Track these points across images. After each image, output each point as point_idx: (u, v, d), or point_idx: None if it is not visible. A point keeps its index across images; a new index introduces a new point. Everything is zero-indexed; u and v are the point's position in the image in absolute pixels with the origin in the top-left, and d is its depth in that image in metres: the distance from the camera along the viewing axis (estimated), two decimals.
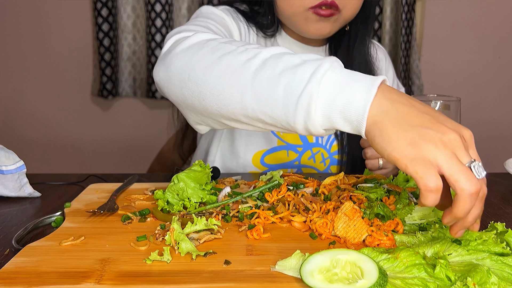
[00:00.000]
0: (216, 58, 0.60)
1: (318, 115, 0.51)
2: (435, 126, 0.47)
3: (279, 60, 0.55)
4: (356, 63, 1.04)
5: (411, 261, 0.50)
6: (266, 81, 0.54)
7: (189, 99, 0.63)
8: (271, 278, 0.51)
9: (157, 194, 0.72)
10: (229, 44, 0.62)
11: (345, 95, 0.49)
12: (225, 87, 0.58)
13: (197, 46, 0.64)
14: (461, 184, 0.45)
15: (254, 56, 0.57)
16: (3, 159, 0.79)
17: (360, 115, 0.49)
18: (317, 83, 0.50)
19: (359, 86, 0.49)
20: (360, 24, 1.02)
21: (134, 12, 2.08)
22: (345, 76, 0.51)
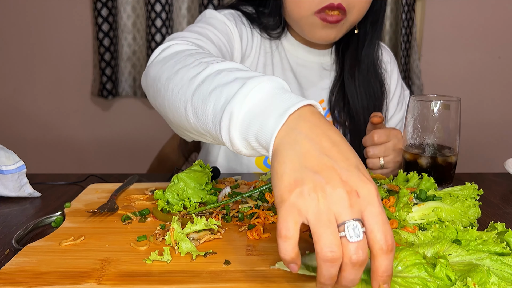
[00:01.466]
0: (175, 72, 0.61)
1: (237, 136, 0.49)
2: (326, 173, 0.42)
3: (216, 76, 0.54)
4: (364, 66, 1.04)
5: (411, 261, 0.50)
6: (201, 98, 0.54)
7: (159, 109, 0.67)
8: (271, 278, 0.51)
9: (157, 194, 0.72)
10: (191, 56, 0.63)
11: (260, 120, 0.47)
12: (175, 101, 0.59)
13: (168, 57, 0.67)
14: (317, 247, 0.40)
15: (200, 72, 0.57)
16: (3, 159, 0.79)
17: (268, 142, 0.46)
18: (239, 103, 0.48)
19: (274, 111, 0.46)
20: (370, 27, 1.02)
21: (134, 12, 2.08)
22: (269, 96, 0.48)
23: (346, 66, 1.05)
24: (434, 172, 0.80)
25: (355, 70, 1.04)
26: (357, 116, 1.04)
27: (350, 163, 0.43)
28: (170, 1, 2.06)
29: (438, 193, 0.70)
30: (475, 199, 0.70)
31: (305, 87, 1.06)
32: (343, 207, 0.41)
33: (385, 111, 1.10)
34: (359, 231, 0.41)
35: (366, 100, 1.04)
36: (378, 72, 1.07)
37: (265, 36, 1.04)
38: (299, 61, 1.07)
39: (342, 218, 0.41)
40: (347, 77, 1.04)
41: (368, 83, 1.05)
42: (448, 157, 0.81)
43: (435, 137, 0.80)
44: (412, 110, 0.81)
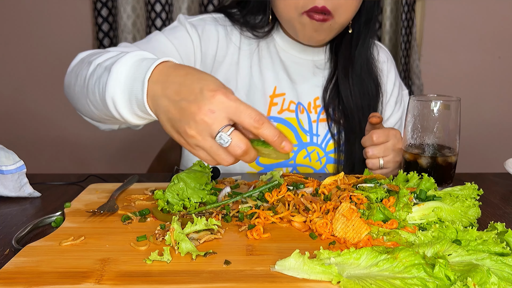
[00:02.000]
0: (75, 77, 0.76)
1: (127, 114, 0.63)
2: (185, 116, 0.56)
3: (95, 71, 0.68)
4: (358, 65, 1.04)
5: (410, 261, 0.50)
6: (91, 93, 0.68)
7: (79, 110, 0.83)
8: (271, 278, 0.51)
9: (157, 194, 0.72)
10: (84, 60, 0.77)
11: (133, 95, 0.61)
12: (81, 101, 0.75)
13: (75, 66, 0.81)
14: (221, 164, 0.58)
15: (88, 70, 0.71)
16: (3, 159, 0.79)
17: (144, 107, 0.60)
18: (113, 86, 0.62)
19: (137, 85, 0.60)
20: (363, 27, 1.02)
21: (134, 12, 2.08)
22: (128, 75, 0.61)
23: (340, 65, 1.05)
24: (434, 172, 0.80)
25: (348, 69, 1.04)
26: (351, 115, 1.04)
27: (195, 92, 0.55)
28: (170, 1, 2.06)
29: (438, 193, 0.70)
30: (475, 199, 0.70)
31: (298, 83, 1.06)
32: (207, 127, 0.55)
33: (381, 111, 1.10)
34: (225, 136, 0.55)
35: (360, 99, 1.05)
36: (372, 72, 1.07)
37: (247, 35, 1.04)
38: (293, 58, 1.07)
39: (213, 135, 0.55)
40: (341, 76, 1.05)
41: (362, 83, 1.05)
42: (448, 157, 0.81)
43: (435, 137, 0.80)
44: (412, 110, 0.81)
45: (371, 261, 0.52)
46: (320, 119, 1.06)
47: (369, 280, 0.49)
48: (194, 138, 0.56)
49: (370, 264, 0.52)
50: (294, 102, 1.05)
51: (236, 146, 0.56)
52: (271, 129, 0.56)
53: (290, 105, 1.05)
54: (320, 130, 1.06)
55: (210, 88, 0.55)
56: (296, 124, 1.05)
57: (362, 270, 0.51)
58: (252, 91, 1.04)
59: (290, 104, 1.05)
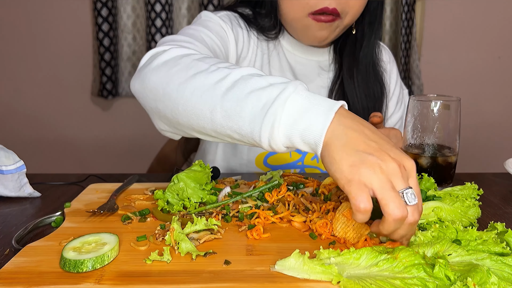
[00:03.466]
0: (189, 77, 0.64)
1: (280, 136, 0.55)
2: (377, 154, 0.51)
3: (247, 82, 0.58)
4: (363, 66, 1.04)
5: (410, 261, 0.50)
6: (235, 100, 0.58)
7: (162, 112, 0.68)
8: (271, 278, 0.51)
9: (157, 194, 0.72)
10: (202, 62, 0.66)
11: (305, 121, 0.53)
12: (197, 105, 0.62)
13: (171, 62, 0.68)
14: (388, 209, 0.49)
15: (225, 77, 0.60)
16: (3, 159, 0.79)
17: (317, 139, 0.53)
18: (281, 106, 0.54)
19: (318, 112, 0.53)
20: (367, 28, 1.02)
21: (134, 12, 2.08)
22: (306, 100, 0.54)
23: (345, 66, 1.05)
24: (434, 172, 0.80)
25: (353, 71, 1.04)
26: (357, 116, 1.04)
27: (391, 144, 0.53)
28: (170, 1, 2.06)
29: (438, 193, 0.70)
30: (475, 198, 0.70)
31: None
32: (398, 177, 0.50)
33: (385, 111, 1.10)
34: (414, 196, 0.51)
35: (366, 100, 1.04)
36: (377, 73, 1.07)
37: (262, 37, 1.04)
38: (298, 59, 1.07)
39: (398, 186, 0.50)
40: (346, 78, 1.04)
41: (367, 84, 1.05)
42: (448, 157, 0.81)
43: (435, 137, 0.80)
44: (412, 110, 0.81)
45: (371, 261, 0.52)
46: None
47: (369, 280, 0.49)
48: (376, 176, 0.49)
49: (370, 264, 0.52)
50: None
51: (417, 212, 0.51)
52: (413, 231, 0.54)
53: None
54: None
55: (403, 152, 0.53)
56: None
57: (362, 270, 0.51)
58: None
59: None
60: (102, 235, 0.59)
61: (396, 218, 0.50)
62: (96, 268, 0.52)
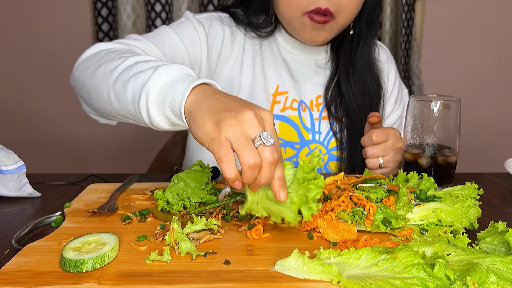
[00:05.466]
0: (98, 66, 0.74)
1: (155, 113, 0.62)
2: (235, 109, 0.54)
3: (134, 66, 0.66)
4: (359, 65, 1.04)
5: (410, 261, 0.50)
6: (121, 84, 0.66)
7: (86, 100, 0.80)
8: (271, 278, 0.51)
9: (157, 194, 0.72)
10: (112, 53, 0.76)
11: (170, 95, 0.60)
12: (99, 90, 0.72)
13: (92, 55, 0.80)
14: (242, 158, 0.53)
15: (121, 63, 0.69)
16: (3, 158, 0.79)
17: (178, 108, 0.59)
18: (152, 85, 0.61)
19: (180, 86, 0.59)
20: (364, 28, 1.02)
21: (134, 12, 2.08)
22: (174, 76, 0.61)
23: (341, 64, 1.06)
24: (434, 172, 0.80)
25: (349, 69, 1.04)
26: (353, 114, 1.04)
27: (249, 102, 0.57)
28: (170, 1, 2.06)
29: (438, 193, 0.70)
30: (475, 198, 0.70)
31: (300, 82, 1.07)
32: (254, 125, 0.54)
33: (382, 111, 1.10)
34: (271, 138, 0.54)
35: (362, 99, 1.05)
36: (373, 72, 1.07)
37: (251, 35, 1.05)
38: (294, 57, 1.07)
39: (255, 132, 0.54)
40: (342, 76, 1.05)
41: (363, 83, 1.05)
42: (448, 157, 0.81)
43: (435, 137, 0.80)
44: (412, 110, 0.81)
45: (371, 261, 0.52)
46: (322, 117, 1.07)
47: (369, 280, 0.49)
48: (232, 129, 0.53)
49: (370, 264, 0.52)
50: (296, 101, 1.06)
51: (275, 151, 0.54)
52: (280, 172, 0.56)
53: (292, 103, 1.05)
54: (322, 128, 1.06)
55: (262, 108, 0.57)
56: (299, 122, 1.05)
57: (362, 270, 0.51)
58: (255, 90, 1.04)
59: (293, 103, 1.05)
60: (102, 235, 0.59)
61: (250, 165, 0.53)
62: (96, 268, 0.52)
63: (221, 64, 1.04)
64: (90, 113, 0.85)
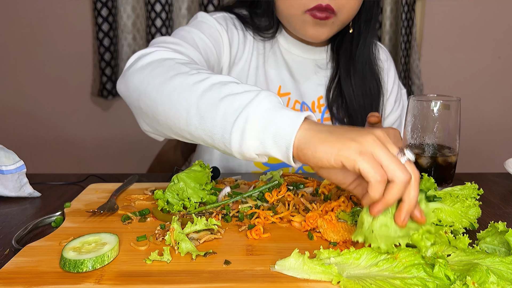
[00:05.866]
0: (170, 77, 0.65)
1: (252, 139, 0.55)
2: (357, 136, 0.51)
3: (224, 86, 0.60)
4: (359, 65, 1.04)
5: (410, 261, 0.50)
6: (210, 103, 0.59)
7: (144, 111, 0.69)
8: (271, 278, 0.51)
9: (157, 194, 0.72)
10: (184, 65, 0.68)
11: (276, 123, 0.54)
12: (174, 104, 0.63)
13: (155, 64, 0.70)
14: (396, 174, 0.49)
15: (203, 80, 0.62)
16: (3, 158, 0.79)
17: (287, 142, 0.53)
18: (253, 110, 0.55)
19: (287, 115, 0.54)
20: (363, 26, 1.02)
21: (134, 12, 2.08)
22: (277, 104, 0.56)
23: (342, 64, 1.05)
24: (434, 172, 0.80)
25: (350, 69, 1.04)
26: (354, 114, 1.04)
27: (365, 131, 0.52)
28: (170, 1, 2.06)
29: (438, 193, 0.70)
30: (475, 198, 0.70)
31: (301, 82, 1.07)
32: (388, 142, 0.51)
33: (382, 110, 1.11)
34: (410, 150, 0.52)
35: (363, 99, 1.05)
36: (374, 72, 1.07)
37: (258, 38, 1.04)
38: (295, 58, 1.07)
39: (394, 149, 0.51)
40: (343, 76, 1.05)
41: (364, 82, 1.05)
42: (448, 156, 0.81)
43: (435, 137, 0.80)
44: (412, 110, 0.81)
45: (371, 261, 0.52)
46: (325, 118, 1.07)
47: (369, 280, 0.49)
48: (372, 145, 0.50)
49: (370, 264, 0.52)
50: (299, 102, 1.06)
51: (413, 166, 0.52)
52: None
53: (295, 104, 1.05)
54: None
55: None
56: None
57: (362, 270, 0.51)
58: None
59: (295, 104, 1.05)
60: (102, 235, 0.59)
61: (405, 182, 0.50)
62: (96, 268, 0.52)
63: (234, 66, 1.03)
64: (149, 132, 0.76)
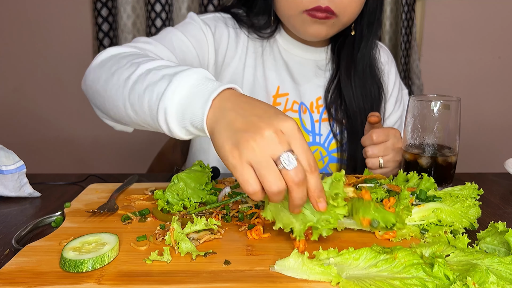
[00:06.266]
0: (111, 74, 0.70)
1: (176, 127, 0.59)
2: (253, 128, 0.51)
3: (147, 76, 0.63)
4: (360, 67, 1.04)
5: (409, 261, 0.50)
6: (137, 96, 0.63)
7: (100, 108, 0.76)
8: (271, 278, 0.51)
9: (157, 194, 0.72)
10: (123, 59, 0.72)
11: (190, 109, 0.57)
12: (115, 101, 0.68)
13: (104, 61, 0.76)
14: (265, 186, 0.50)
15: (133, 72, 0.66)
16: (3, 159, 0.79)
17: (201, 125, 0.56)
18: (170, 99, 0.57)
19: (198, 101, 0.56)
20: (366, 29, 1.02)
21: (134, 12, 2.08)
22: (192, 89, 0.57)
23: (342, 66, 1.05)
24: (434, 172, 0.80)
25: (351, 71, 1.04)
26: (354, 116, 1.04)
27: (269, 112, 0.53)
28: (170, 1, 2.06)
29: (438, 193, 0.70)
30: (475, 198, 0.70)
31: (300, 83, 1.07)
32: (274, 144, 0.50)
33: (383, 111, 1.10)
34: (292, 159, 0.50)
35: (363, 101, 1.05)
36: (375, 74, 1.07)
37: (254, 37, 1.04)
38: (295, 58, 1.07)
39: (276, 153, 0.50)
40: (343, 78, 1.05)
41: (365, 85, 1.05)
42: (448, 157, 0.81)
43: (435, 137, 0.80)
44: (412, 110, 0.81)
45: (370, 261, 0.52)
46: (323, 119, 1.07)
47: (368, 280, 0.49)
48: (252, 152, 0.50)
49: (369, 264, 0.52)
50: (297, 102, 1.05)
51: (299, 171, 0.50)
52: (319, 181, 0.53)
53: (293, 105, 1.05)
54: (323, 130, 1.06)
55: (285, 115, 0.53)
56: (299, 124, 1.05)
57: (361, 270, 0.51)
58: (256, 91, 1.04)
59: (294, 104, 1.05)
60: (102, 235, 0.59)
61: (274, 192, 0.50)
62: (96, 268, 0.52)
63: (225, 66, 1.03)
64: (104, 119, 0.82)
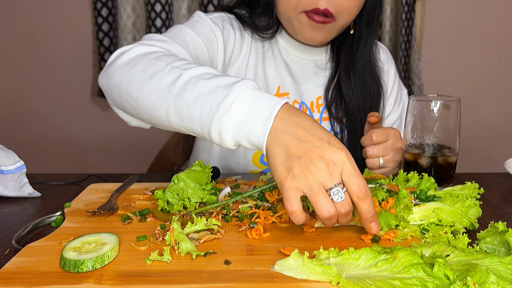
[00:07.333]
0: (148, 77, 0.69)
1: (229, 139, 0.60)
2: (306, 156, 0.55)
3: (196, 85, 0.63)
4: (360, 66, 1.04)
5: (409, 261, 0.50)
6: (185, 104, 0.63)
7: (126, 108, 0.74)
8: (271, 278, 0.51)
9: (157, 194, 0.72)
10: (160, 61, 0.70)
11: (249, 125, 0.58)
12: (153, 106, 0.67)
13: (133, 61, 0.73)
14: (317, 210, 0.55)
15: (177, 78, 0.65)
16: (3, 158, 0.79)
17: (261, 144, 0.58)
18: (227, 112, 0.58)
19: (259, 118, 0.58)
20: (364, 28, 1.02)
21: (134, 12, 2.08)
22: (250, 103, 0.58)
23: (342, 65, 1.05)
24: (434, 172, 0.80)
25: (350, 70, 1.04)
26: (353, 114, 1.04)
27: (323, 140, 0.56)
28: (170, 1, 2.06)
29: (438, 192, 0.70)
30: (476, 198, 0.70)
31: (301, 83, 1.07)
32: (326, 176, 0.54)
33: (382, 111, 1.10)
34: (341, 192, 0.55)
35: (362, 100, 1.05)
36: (374, 73, 1.07)
37: (256, 37, 1.04)
38: (295, 59, 1.07)
39: (327, 185, 0.55)
40: (343, 77, 1.05)
41: (364, 84, 1.05)
42: (448, 156, 0.81)
43: (435, 137, 0.80)
44: (412, 110, 0.81)
45: (370, 261, 0.52)
46: (323, 118, 1.07)
47: (368, 280, 0.49)
48: (305, 180, 0.54)
49: (369, 264, 0.52)
50: (297, 102, 1.06)
51: (346, 204, 0.56)
52: (371, 207, 0.57)
53: (294, 104, 1.05)
54: None
55: (337, 143, 0.57)
56: None
57: (361, 270, 0.51)
58: None
59: (294, 104, 1.05)
60: (102, 235, 0.59)
61: (325, 218, 0.55)
62: (96, 268, 0.52)
63: (229, 66, 1.04)
64: (120, 113, 0.79)
